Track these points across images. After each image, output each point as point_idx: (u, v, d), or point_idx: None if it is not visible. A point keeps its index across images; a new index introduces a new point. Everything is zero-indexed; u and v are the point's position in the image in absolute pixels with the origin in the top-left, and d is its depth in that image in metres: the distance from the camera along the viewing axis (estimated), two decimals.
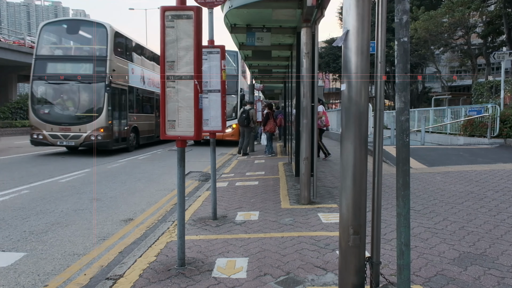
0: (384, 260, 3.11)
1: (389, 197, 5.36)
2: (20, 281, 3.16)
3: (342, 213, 2.30)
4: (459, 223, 4.12)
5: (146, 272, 3.07)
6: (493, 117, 12.22)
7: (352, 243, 2.24)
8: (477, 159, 8.75)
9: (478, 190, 5.69)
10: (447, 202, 5.04)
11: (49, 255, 3.72)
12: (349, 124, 2.23)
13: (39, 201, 5.96)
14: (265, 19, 6.36)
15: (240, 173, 8.36)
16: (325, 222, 4.35)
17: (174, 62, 2.93)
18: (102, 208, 5.57)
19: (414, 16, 22.27)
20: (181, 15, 2.88)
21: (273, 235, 3.93)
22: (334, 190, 6.09)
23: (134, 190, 6.92)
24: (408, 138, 2.02)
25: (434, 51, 27.16)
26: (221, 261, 3.26)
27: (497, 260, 3.11)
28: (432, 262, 3.11)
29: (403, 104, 2.00)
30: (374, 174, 2.37)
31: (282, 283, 2.81)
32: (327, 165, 8.89)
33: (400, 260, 2.06)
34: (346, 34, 2.18)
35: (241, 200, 5.61)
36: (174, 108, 2.96)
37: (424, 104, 29.18)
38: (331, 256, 3.29)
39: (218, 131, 4.50)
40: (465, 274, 2.87)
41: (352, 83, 2.20)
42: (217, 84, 4.41)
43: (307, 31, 5.08)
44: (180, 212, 3.12)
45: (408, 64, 2.00)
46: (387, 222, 4.16)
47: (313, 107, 5.40)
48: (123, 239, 4.25)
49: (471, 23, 22.25)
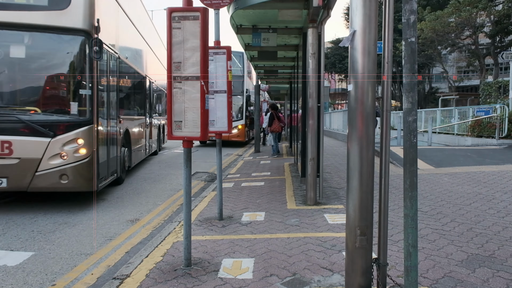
0: (391, 262, 3.09)
1: (396, 198, 5.32)
2: (28, 280, 3.19)
3: (349, 214, 2.29)
4: (467, 225, 4.09)
5: (152, 272, 3.08)
6: (502, 118, 12.10)
7: (359, 244, 2.23)
8: (485, 160, 8.66)
9: (486, 191, 5.63)
10: (454, 204, 4.99)
11: (56, 255, 3.75)
12: (356, 125, 2.22)
13: (46, 201, 6.01)
14: (271, 19, 6.36)
15: (246, 173, 8.36)
16: (331, 223, 4.33)
17: (180, 63, 2.94)
18: (109, 208, 5.61)
19: (420, 17, 22.11)
20: (188, 16, 2.89)
21: (279, 235, 3.92)
22: (340, 191, 6.07)
23: (140, 190, 6.96)
24: (416, 138, 2.01)
25: (441, 51, 26.96)
26: (227, 261, 3.26)
27: (506, 262, 3.08)
28: (440, 263, 3.08)
29: (410, 104, 1.99)
30: (381, 175, 2.36)
31: (288, 284, 2.80)
32: (333, 166, 8.86)
33: (408, 261, 2.04)
34: (353, 34, 2.17)
35: (247, 200, 5.61)
36: (181, 109, 2.97)
37: (431, 104, 28.98)
38: (337, 257, 3.28)
39: (224, 132, 4.51)
40: (473, 276, 2.85)
41: (359, 84, 2.19)
42: (223, 85, 4.42)
43: (313, 31, 5.07)
44: (186, 213, 3.13)
45: (415, 65, 1.99)
46: (394, 223, 4.13)
47: (319, 107, 5.38)
48: (130, 239, 4.27)
49: (479, 22, 22.05)
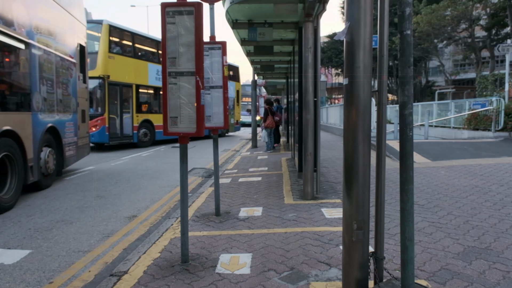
0: (388, 255, 3.10)
1: (392, 191, 5.34)
2: (26, 278, 3.19)
3: (345, 208, 2.29)
4: (463, 217, 4.11)
5: (150, 268, 3.08)
6: (498, 111, 12.15)
7: (356, 238, 2.23)
8: (482, 153, 8.70)
9: (483, 184, 5.66)
10: (451, 196, 5.02)
11: (54, 252, 3.74)
12: (352, 119, 2.21)
13: (43, 199, 5.99)
14: (267, 14, 6.31)
15: (243, 169, 8.36)
16: (329, 217, 4.34)
17: (175, 59, 2.92)
18: (106, 205, 5.59)
19: (416, 10, 22.07)
20: (182, 11, 2.87)
21: (277, 230, 3.93)
22: (338, 185, 6.08)
23: (138, 187, 6.94)
24: (412, 132, 2.00)
25: (437, 45, 26.96)
26: (224, 257, 3.26)
27: (502, 254, 3.10)
28: (437, 256, 3.10)
29: (406, 98, 1.98)
30: (378, 168, 2.35)
31: (286, 278, 2.81)
32: (330, 161, 8.87)
33: (404, 254, 2.05)
34: (348, 27, 2.16)
35: (244, 196, 5.61)
36: (176, 105, 2.95)
37: (427, 98, 29.04)
38: (334, 251, 3.29)
39: (220, 128, 4.50)
40: (469, 268, 2.86)
41: (354, 77, 2.18)
42: (219, 80, 4.40)
43: (309, 25, 5.05)
44: (183, 209, 3.12)
45: (411, 58, 1.97)
46: (391, 217, 4.15)
47: (316, 102, 5.37)
48: (127, 236, 4.26)
49: (475, 15, 22.05)
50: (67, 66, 7.75)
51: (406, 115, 1.98)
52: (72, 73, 8.01)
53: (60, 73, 7.30)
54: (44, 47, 6.63)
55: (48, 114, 6.79)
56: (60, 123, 7.27)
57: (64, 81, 7.54)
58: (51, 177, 6.96)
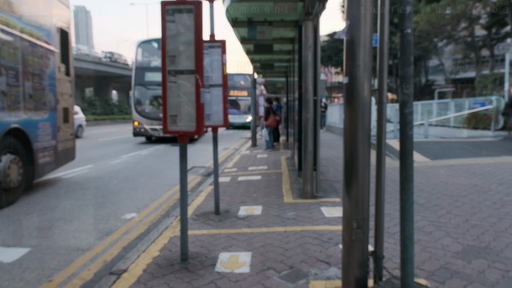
0: (388, 254, 3.10)
1: (392, 191, 5.34)
2: (25, 276, 3.18)
3: (345, 207, 2.29)
4: (463, 217, 4.11)
5: (149, 267, 3.08)
6: (497, 110, 12.14)
7: (355, 237, 2.23)
8: (481, 152, 8.70)
9: (482, 183, 5.66)
10: (450, 196, 5.02)
11: (53, 251, 3.74)
12: (352, 118, 2.20)
13: (43, 197, 5.98)
14: (267, 12, 6.30)
15: (243, 167, 8.36)
16: (328, 216, 4.34)
17: (175, 57, 2.91)
18: (105, 204, 5.59)
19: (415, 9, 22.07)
20: (181, 9, 2.86)
21: (276, 229, 3.93)
22: (337, 184, 6.08)
23: (137, 185, 6.94)
24: (412, 131, 2.00)
25: (437, 44, 26.94)
26: (224, 255, 3.26)
27: (502, 253, 3.10)
28: (436, 255, 3.10)
29: (406, 96, 1.98)
30: (378, 167, 2.35)
31: (286, 277, 2.81)
32: (330, 159, 8.87)
33: (404, 253, 2.05)
34: (348, 26, 2.15)
35: (244, 194, 5.61)
36: (176, 103, 2.95)
37: (427, 97, 29.03)
38: (334, 250, 3.28)
39: (220, 126, 4.49)
40: (469, 267, 2.86)
41: (354, 76, 2.17)
42: (219, 79, 4.39)
43: (309, 24, 5.04)
44: (183, 207, 3.12)
45: (411, 56, 1.97)
46: (390, 216, 4.15)
47: (316, 100, 5.37)
48: (127, 234, 4.26)
49: (475, 14, 22.04)
50: (41, 54, 6.28)
51: (406, 114, 1.98)
52: (48, 62, 6.53)
53: (29, 61, 5.89)
54: (2, 26, 5.29)
55: (9, 113, 5.39)
56: (29, 123, 5.86)
57: (35, 72, 6.10)
58: (15, 191, 5.54)
